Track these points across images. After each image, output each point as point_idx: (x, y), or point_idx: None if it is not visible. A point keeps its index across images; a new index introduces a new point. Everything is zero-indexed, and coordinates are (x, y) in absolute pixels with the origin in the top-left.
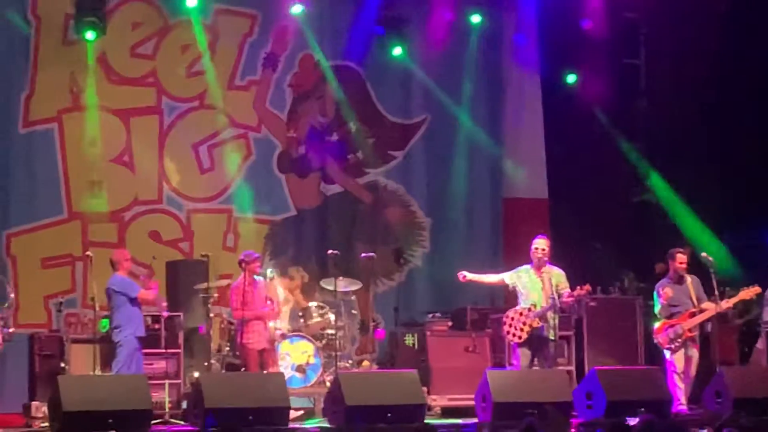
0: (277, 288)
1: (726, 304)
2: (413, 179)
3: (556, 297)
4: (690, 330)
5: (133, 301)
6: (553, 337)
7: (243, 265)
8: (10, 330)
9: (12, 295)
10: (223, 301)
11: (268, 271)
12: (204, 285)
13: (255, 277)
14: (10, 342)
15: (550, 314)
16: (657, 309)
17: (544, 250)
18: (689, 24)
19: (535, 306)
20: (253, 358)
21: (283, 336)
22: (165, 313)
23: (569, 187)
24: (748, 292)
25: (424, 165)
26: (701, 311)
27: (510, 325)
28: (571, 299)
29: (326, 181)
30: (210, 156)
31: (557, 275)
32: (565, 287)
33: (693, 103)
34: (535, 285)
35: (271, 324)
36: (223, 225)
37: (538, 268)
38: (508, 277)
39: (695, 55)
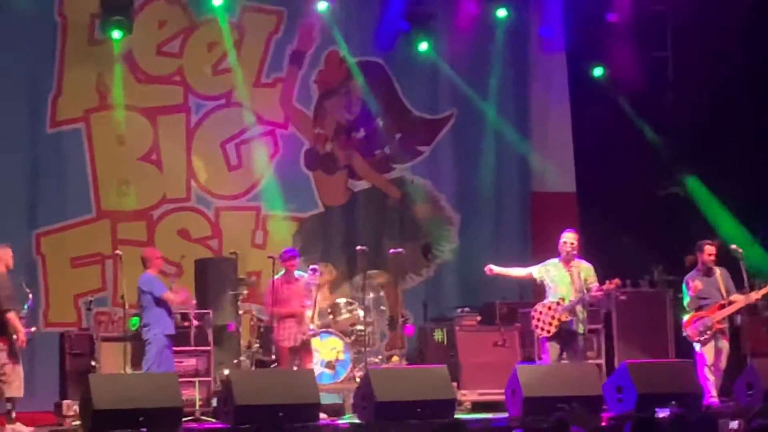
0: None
1: (755, 295)
2: (441, 174)
3: (585, 291)
4: (719, 322)
5: (161, 299)
6: (582, 331)
7: (280, 262)
8: (32, 329)
9: (30, 296)
10: (253, 298)
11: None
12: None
13: (296, 274)
14: (31, 340)
15: (578, 308)
16: (686, 301)
17: (572, 243)
18: (717, 16)
19: (563, 300)
20: (284, 356)
21: (313, 333)
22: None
23: (597, 181)
24: None
25: (452, 160)
26: (730, 303)
27: (538, 319)
28: (600, 293)
29: (353, 178)
30: (238, 153)
31: (586, 269)
32: (593, 281)
33: (721, 95)
34: (564, 279)
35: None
36: (252, 222)
37: (567, 262)
38: (536, 271)
39: (723, 46)
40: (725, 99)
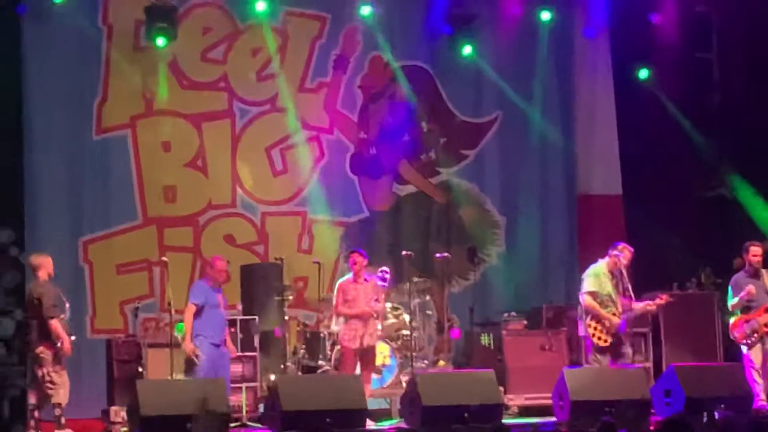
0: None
1: None
2: (486, 178)
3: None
4: (766, 325)
5: (209, 307)
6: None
7: (348, 264)
8: (72, 338)
9: (67, 305)
10: (299, 303)
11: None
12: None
13: (367, 276)
14: (74, 348)
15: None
16: (730, 303)
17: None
18: (761, 16)
19: (621, 312)
20: (348, 357)
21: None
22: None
23: (644, 183)
24: None
25: (497, 163)
26: None
27: (595, 329)
28: (653, 309)
29: (399, 182)
30: (283, 159)
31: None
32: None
33: (767, 95)
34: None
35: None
36: (298, 227)
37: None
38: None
39: None
40: None
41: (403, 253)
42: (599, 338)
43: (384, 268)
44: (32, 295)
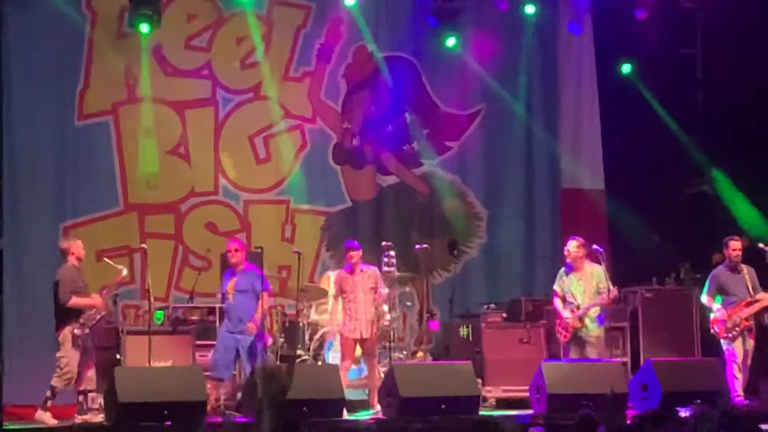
0: (330, 281)
1: None
2: (469, 170)
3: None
4: (746, 319)
5: (223, 296)
6: (596, 334)
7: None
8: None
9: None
10: (282, 292)
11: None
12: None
13: (363, 266)
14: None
15: (594, 309)
16: (703, 295)
17: (569, 251)
18: (747, 13)
19: (578, 307)
20: (345, 346)
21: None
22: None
23: (626, 178)
24: None
25: (480, 155)
26: (757, 301)
27: (559, 324)
28: (605, 302)
29: (382, 173)
30: (266, 147)
31: (597, 273)
32: (604, 285)
33: (750, 93)
34: (579, 287)
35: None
36: (281, 216)
37: (577, 270)
38: (559, 291)
39: (753, 44)
40: (754, 97)
41: (383, 243)
42: (560, 334)
43: (390, 252)
44: (54, 281)
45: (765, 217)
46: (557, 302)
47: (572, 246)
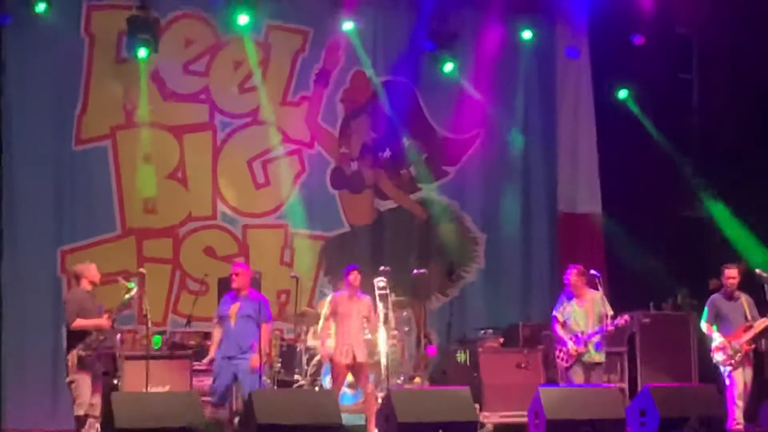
0: (325, 305)
1: None
2: (467, 194)
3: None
4: (747, 344)
5: (222, 319)
6: (599, 360)
7: (342, 278)
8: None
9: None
10: (281, 316)
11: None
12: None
13: (360, 294)
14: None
15: (596, 336)
16: (702, 322)
17: (572, 280)
18: (742, 38)
19: (582, 332)
20: (338, 372)
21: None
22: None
23: (623, 202)
24: None
25: (478, 180)
26: (753, 326)
27: (560, 350)
28: (612, 329)
29: (380, 197)
30: (264, 171)
31: (598, 300)
32: (606, 311)
33: (747, 117)
34: (580, 314)
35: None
36: (280, 240)
37: (579, 297)
38: (560, 316)
39: (749, 69)
40: (750, 121)
41: (381, 268)
42: (562, 359)
43: (382, 268)
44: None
45: (761, 242)
46: (557, 328)
47: (573, 274)
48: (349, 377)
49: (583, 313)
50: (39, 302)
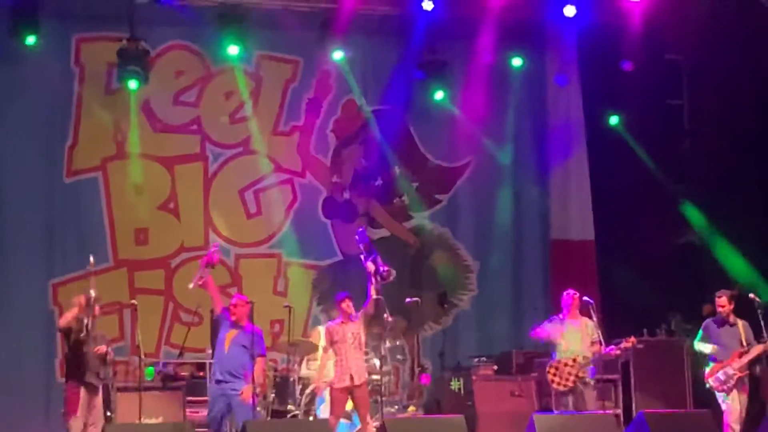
0: (320, 334)
1: None
2: (459, 222)
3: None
4: (741, 369)
5: (217, 343)
6: (592, 382)
7: (335, 305)
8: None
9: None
10: (275, 347)
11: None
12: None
13: (352, 316)
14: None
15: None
16: (696, 342)
17: (575, 300)
18: (732, 63)
19: (579, 356)
20: (335, 398)
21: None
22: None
23: (616, 229)
24: None
25: (470, 208)
26: (747, 352)
27: (554, 374)
28: (618, 352)
29: (372, 226)
30: (257, 201)
31: (590, 325)
32: (596, 336)
33: (738, 142)
34: (575, 335)
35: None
36: (273, 270)
37: (574, 318)
38: (549, 328)
39: (738, 94)
40: (741, 147)
41: (374, 297)
42: (558, 383)
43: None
44: None
45: (753, 267)
46: (538, 330)
47: (571, 297)
48: (349, 405)
49: (579, 336)
50: (31, 335)
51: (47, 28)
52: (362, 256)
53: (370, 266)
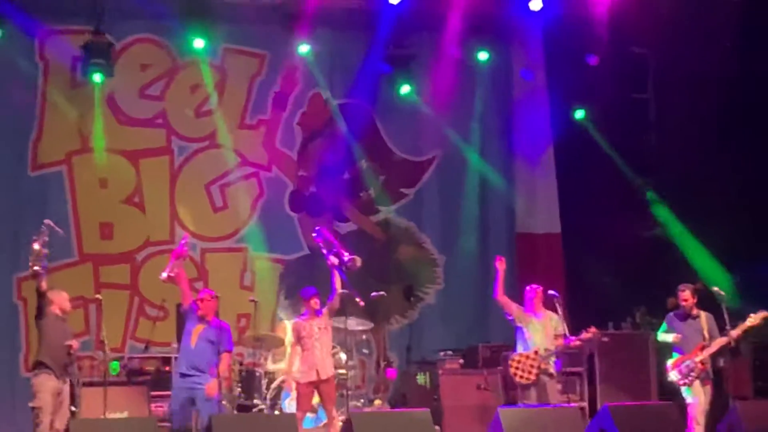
0: (287, 329)
1: (735, 332)
2: (425, 216)
3: (561, 341)
4: (702, 362)
5: (184, 334)
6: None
7: (302, 302)
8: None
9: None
10: (239, 341)
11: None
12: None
13: (318, 311)
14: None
15: (552, 355)
16: (659, 333)
17: (539, 294)
18: (697, 57)
19: (539, 349)
20: (301, 393)
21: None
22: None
23: (581, 222)
24: (756, 318)
25: (436, 202)
26: (709, 345)
27: (517, 368)
28: (579, 343)
29: (339, 220)
30: (222, 195)
31: (555, 319)
32: (561, 330)
33: (702, 136)
34: (538, 329)
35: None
36: (240, 264)
37: (537, 312)
38: (516, 311)
39: (704, 87)
40: (706, 140)
41: (339, 291)
42: (521, 376)
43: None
44: None
45: (718, 260)
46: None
47: (534, 291)
48: (316, 399)
49: (541, 328)
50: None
51: (11, 22)
52: (324, 252)
53: (334, 260)
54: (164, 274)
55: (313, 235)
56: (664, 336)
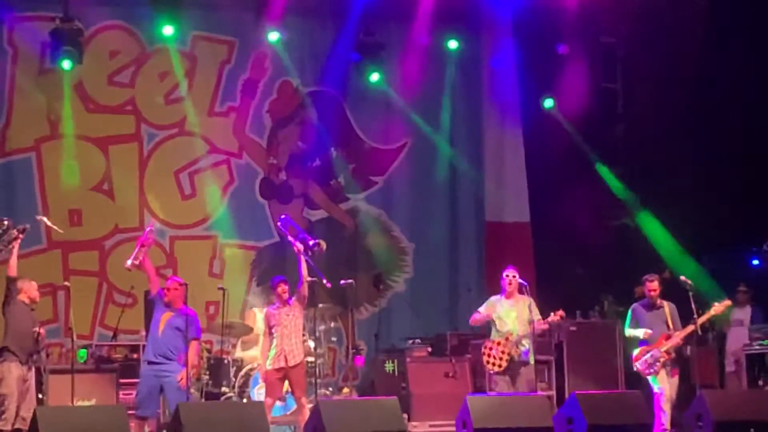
0: (256, 318)
1: (700, 320)
2: (395, 204)
3: (530, 324)
4: (667, 352)
5: (151, 324)
6: (531, 361)
7: (271, 291)
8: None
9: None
10: (207, 328)
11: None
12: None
13: (289, 299)
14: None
15: (525, 340)
16: (626, 328)
17: (515, 277)
18: (666, 48)
19: (511, 334)
20: (270, 380)
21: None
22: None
23: (550, 211)
24: (720, 306)
25: (406, 190)
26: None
27: (488, 355)
28: (545, 326)
29: (310, 207)
30: (192, 183)
31: (528, 303)
32: (536, 314)
33: (671, 126)
34: (510, 314)
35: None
36: (209, 252)
37: (510, 297)
38: (484, 310)
39: (672, 79)
40: (674, 130)
41: (308, 279)
42: (492, 364)
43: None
44: None
45: (684, 250)
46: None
47: (514, 273)
48: (285, 386)
49: (514, 314)
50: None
51: None
52: (290, 239)
53: (299, 246)
54: (129, 262)
55: (278, 224)
56: (633, 331)
